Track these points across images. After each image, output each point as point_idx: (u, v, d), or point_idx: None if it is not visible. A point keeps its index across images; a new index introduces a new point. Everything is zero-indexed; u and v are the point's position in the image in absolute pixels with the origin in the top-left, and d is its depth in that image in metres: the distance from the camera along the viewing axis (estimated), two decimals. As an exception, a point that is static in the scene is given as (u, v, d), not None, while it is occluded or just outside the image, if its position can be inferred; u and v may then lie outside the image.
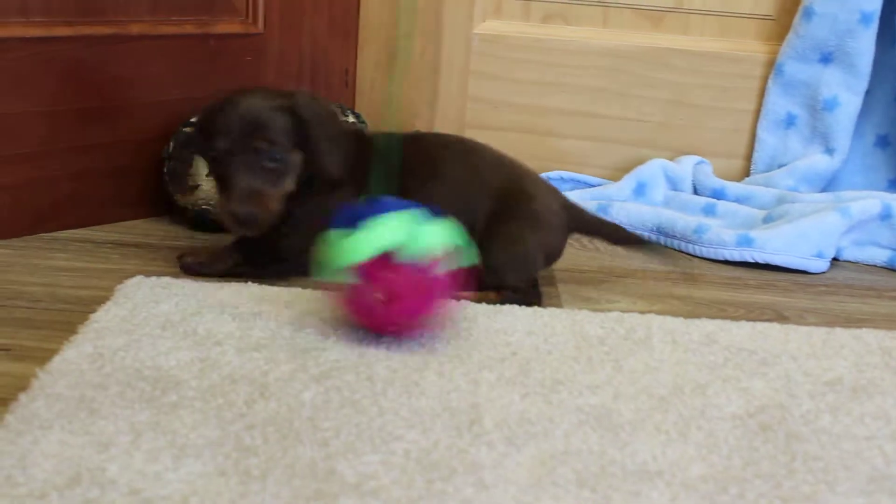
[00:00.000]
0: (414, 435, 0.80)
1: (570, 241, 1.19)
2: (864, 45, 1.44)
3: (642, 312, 1.08)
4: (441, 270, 0.92)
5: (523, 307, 1.07)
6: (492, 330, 1.01)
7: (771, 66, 1.50)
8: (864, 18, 1.42)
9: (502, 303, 1.07)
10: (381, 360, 0.92)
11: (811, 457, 0.81)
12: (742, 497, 0.75)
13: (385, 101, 1.49)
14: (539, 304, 1.09)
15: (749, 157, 1.52)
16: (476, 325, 1.02)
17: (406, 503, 0.71)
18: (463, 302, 1.05)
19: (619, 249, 1.31)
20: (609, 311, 1.08)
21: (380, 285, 0.91)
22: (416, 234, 0.91)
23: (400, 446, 0.78)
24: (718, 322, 1.07)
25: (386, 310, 0.92)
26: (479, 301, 1.07)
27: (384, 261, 0.90)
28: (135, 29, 1.27)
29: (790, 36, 1.47)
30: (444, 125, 1.51)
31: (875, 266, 1.37)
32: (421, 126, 1.50)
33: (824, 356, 1.01)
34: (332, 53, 1.47)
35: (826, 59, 1.46)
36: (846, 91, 1.46)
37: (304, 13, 1.41)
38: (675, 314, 1.10)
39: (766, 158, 1.51)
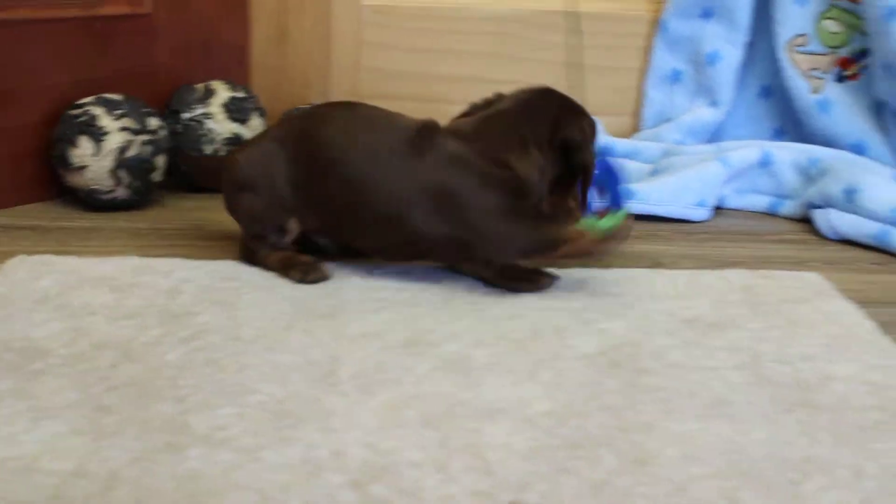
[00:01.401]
0: (270, 388, 0.82)
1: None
2: (742, -2, 1.47)
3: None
4: None
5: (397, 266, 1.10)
6: (364, 287, 1.03)
7: (655, 24, 1.53)
8: (741, -28, 1.46)
9: None
10: (250, 322, 0.95)
11: (655, 388, 0.85)
12: (581, 428, 0.78)
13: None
14: None
15: (638, 114, 1.56)
16: (349, 283, 1.04)
17: (254, 450, 0.74)
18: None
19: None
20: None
21: None
22: None
23: (255, 399, 0.81)
24: (592, 270, 1.10)
25: None
26: None
27: None
28: (19, 13, 1.28)
29: (672, -6, 1.51)
30: (338, 96, 1.53)
31: (757, 213, 1.41)
32: (315, 99, 1.52)
33: (687, 297, 1.04)
34: (223, 31, 1.48)
35: (707, 14, 1.50)
36: (727, 44, 1.50)
37: (190, -10, 1.42)
38: (555, 267, 1.13)
39: (654, 114, 1.55)
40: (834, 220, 1.31)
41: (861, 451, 0.76)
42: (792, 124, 1.52)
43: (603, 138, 1.50)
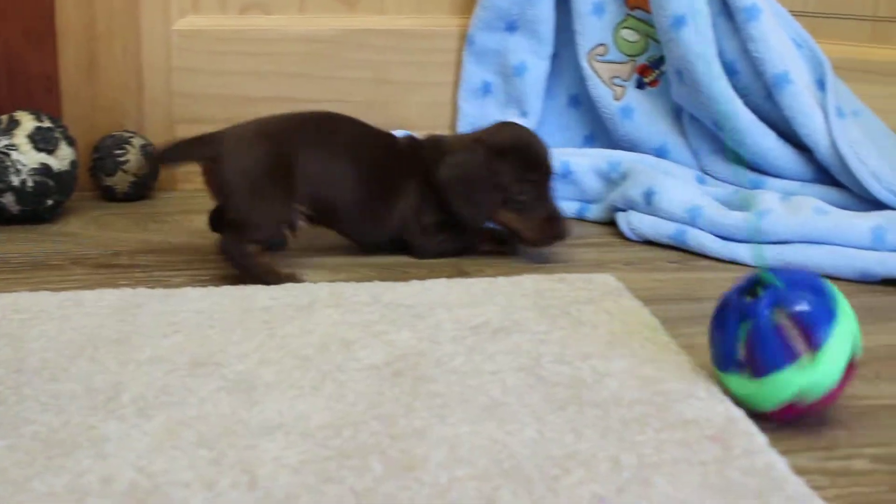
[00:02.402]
0: (47, 418, 0.82)
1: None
2: (544, 12, 1.52)
3: (328, 282, 1.13)
4: None
5: (196, 288, 1.10)
6: (158, 313, 1.04)
7: (464, 38, 1.57)
8: (540, -14, 1.50)
9: None
10: (37, 353, 0.94)
11: (433, 395, 0.87)
12: (354, 438, 0.80)
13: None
14: None
15: (453, 127, 1.59)
16: (144, 309, 1.05)
17: (22, 481, 0.74)
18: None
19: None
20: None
21: None
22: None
23: (29, 430, 0.80)
24: (389, 284, 1.13)
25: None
26: None
27: None
28: None
29: (477, 8, 1.55)
30: (152, 123, 1.53)
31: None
32: (130, 126, 1.52)
33: (478, 304, 1.07)
34: (29, 60, 1.47)
35: (511, 27, 1.54)
36: (532, 56, 1.54)
37: (-9, 21, 1.41)
38: (359, 280, 1.15)
39: (468, 126, 1.58)
40: (634, 221, 1.35)
41: (622, 443, 0.80)
42: (601, 131, 1.57)
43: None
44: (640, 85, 1.53)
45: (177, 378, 0.90)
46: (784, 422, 0.85)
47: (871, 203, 1.34)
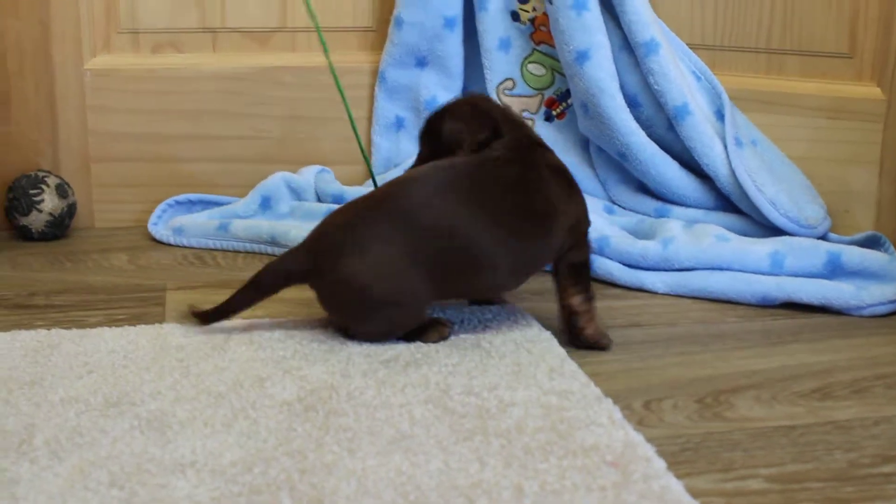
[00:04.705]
0: (-41, 462, 0.83)
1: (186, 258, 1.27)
2: (452, 47, 1.56)
3: (244, 319, 1.15)
4: None
5: (112, 328, 1.12)
6: (73, 353, 1.05)
7: (375, 74, 1.60)
8: (448, 23, 1.54)
9: None
10: (-50, 397, 0.95)
11: (343, 429, 0.89)
12: (265, 474, 0.82)
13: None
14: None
15: (366, 161, 1.61)
16: (59, 350, 1.06)
17: (-66, 527, 0.75)
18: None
19: (239, 262, 1.39)
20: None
21: None
22: None
23: (-59, 475, 0.81)
24: (303, 320, 1.15)
25: None
26: None
27: None
28: None
29: (387, 45, 1.58)
30: (68, 161, 1.54)
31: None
32: (45, 165, 1.53)
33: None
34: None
35: (421, 62, 1.57)
36: (443, 91, 1.58)
37: None
38: (273, 317, 1.17)
39: (383, 160, 1.61)
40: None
41: (525, 471, 0.83)
42: (512, 163, 1.60)
43: (335, 187, 1.54)
44: (549, 117, 1.57)
45: (90, 419, 0.91)
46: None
47: (769, 229, 1.39)
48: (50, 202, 1.47)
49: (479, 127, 1.13)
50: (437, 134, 1.15)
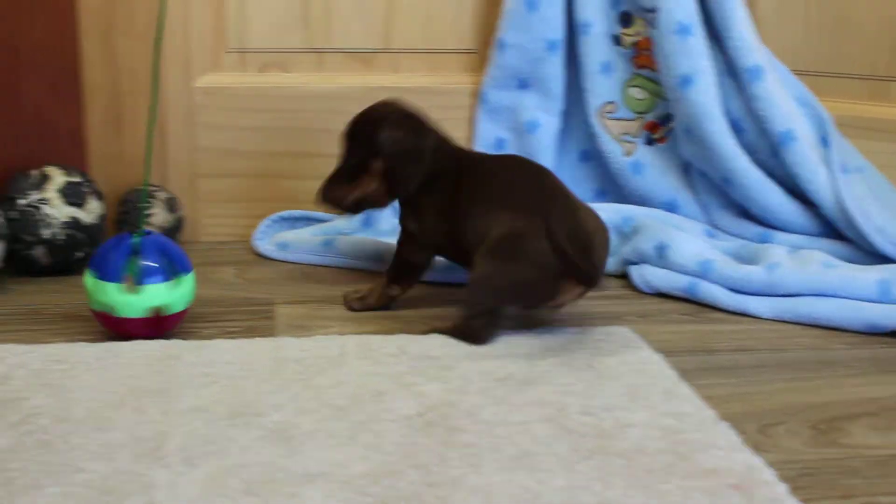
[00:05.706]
0: (97, 465, 0.86)
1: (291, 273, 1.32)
2: (554, 70, 1.57)
3: (356, 334, 1.17)
4: None
5: (227, 340, 1.14)
6: (194, 364, 1.07)
7: (477, 95, 1.62)
8: (550, 46, 1.55)
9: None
10: (82, 402, 0.98)
11: (465, 445, 0.91)
12: (393, 487, 0.83)
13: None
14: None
15: (467, 181, 1.63)
16: (180, 360, 1.08)
17: (79, 527, 0.77)
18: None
19: (342, 277, 1.41)
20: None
21: None
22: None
23: (81, 477, 0.84)
24: (413, 336, 1.16)
25: None
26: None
27: None
28: None
29: (489, 67, 1.60)
30: (175, 176, 1.57)
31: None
32: (155, 181, 1.56)
33: (502, 356, 1.11)
34: (57, 117, 1.51)
35: (523, 85, 1.59)
36: (544, 113, 1.59)
37: (20, 77, 1.45)
38: (384, 333, 1.18)
39: (483, 181, 1.62)
40: (648, 274, 1.40)
41: (649, 492, 0.83)
42: (611, 185, 1.62)
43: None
44: (650, 141, 1.58)
45: (217, 428, 0.93)
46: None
47: (876, 257, 1.38)
48: (160, 216, 1.50)
49: (419, 135, 1.26)
50: (367, 140, 1.27)
